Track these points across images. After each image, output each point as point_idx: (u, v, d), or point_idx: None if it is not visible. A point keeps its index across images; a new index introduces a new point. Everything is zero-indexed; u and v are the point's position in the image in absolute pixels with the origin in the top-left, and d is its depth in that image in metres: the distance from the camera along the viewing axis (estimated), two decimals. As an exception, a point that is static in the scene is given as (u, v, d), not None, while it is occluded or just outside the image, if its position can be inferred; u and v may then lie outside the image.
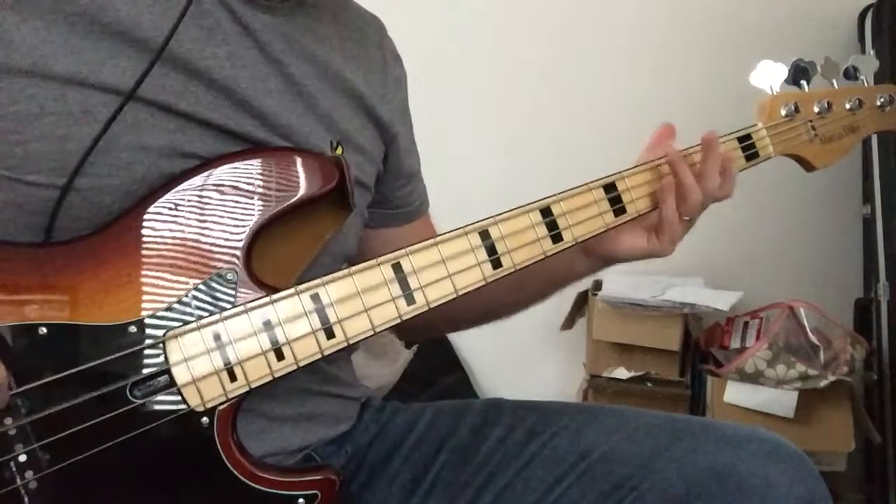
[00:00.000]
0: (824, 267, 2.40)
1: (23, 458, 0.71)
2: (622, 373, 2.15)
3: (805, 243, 2.41)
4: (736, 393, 2.03)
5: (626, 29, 2.38)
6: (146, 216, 0.79)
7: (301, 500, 0.79)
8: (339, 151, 0.94)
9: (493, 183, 2.30)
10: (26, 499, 0.71)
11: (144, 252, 0.78)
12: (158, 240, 0.78)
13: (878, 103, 1.16)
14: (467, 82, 2.38)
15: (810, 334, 2.06)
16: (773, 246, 2.41)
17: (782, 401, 1.98)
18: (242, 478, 0.77)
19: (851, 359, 2.00)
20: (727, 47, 2.31)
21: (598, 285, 2.18)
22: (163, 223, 0.79)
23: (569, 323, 2.28)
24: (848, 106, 1.14)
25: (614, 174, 0.98)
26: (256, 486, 0.77)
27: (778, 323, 2.05)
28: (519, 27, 2.38)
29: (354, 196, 0.88)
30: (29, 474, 0.71)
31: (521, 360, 2.42)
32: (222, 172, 0.81)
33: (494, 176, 2.36)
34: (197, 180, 0.81)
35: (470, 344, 2.41)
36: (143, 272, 0.77)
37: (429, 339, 2.18)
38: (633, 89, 2.37)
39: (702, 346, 2.16)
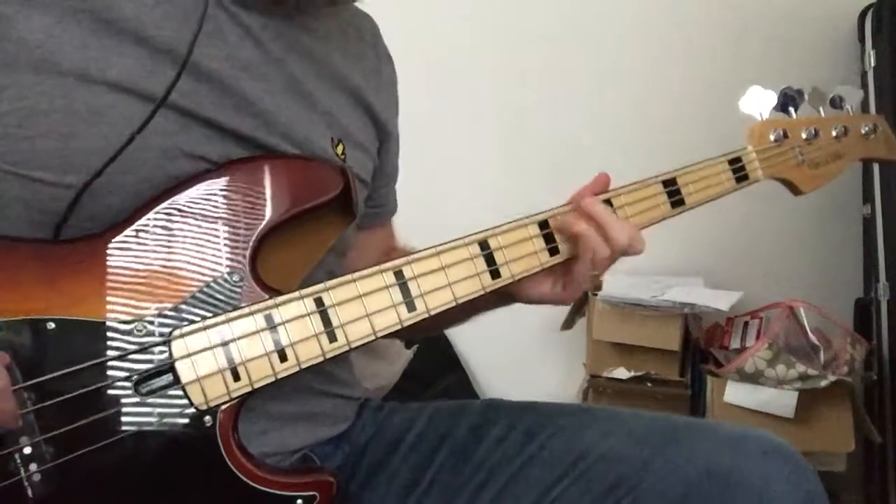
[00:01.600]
0: (824, 267, 2.40)
1: (27, 450, 0.72)
2: (622, 373, 2.15)
3: (805, 243, 2.41)
4: (736, 393, 2.03)
5: (625, 29, 2.38)
6: (154, 217, 0.80)
7: (299, 502, 0.79)
8: (339, 149, 0.95)
9: (492, 184, 2.30)
10: (29, 491, 0.72)
11: (152, 252, 0.79)
12: (166, 240, 0.79)
13: (863, 131, 1.20)
14: (466, 84, 2.38)
15: (810, 334, 2.07)
16: (773, 246, 2.42)
17: (782, 401, 1.98)
18: (243, 477, 0.77)
19: (851, 359, 2.01)
20: (727, 48, 2.31)
21: (598, 285, 2.18)
22: (171, 225, 0.80)
23: (569, 323, 2.28)
24: (834, 133, 1.17)
25: (610, 191, 0.99)
26: (257, 486, 0.78)
27: (778, 323, 2.05)
28: (518, 29, 2.38)
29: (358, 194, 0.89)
30: (33, 466, 0.72)
31: (521, 360, 2.43)
32: (231, 177, 0.82)
33: (493, 178, 2.37)
34: (206, 184, 0.82)
35: (470, 344, 2.41)
36: (151, 272, 0.78)
37: (428, 338, 2.18)
38: (633, 90, 2.38)
39: (702, 346, 2.15)
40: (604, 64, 2.39)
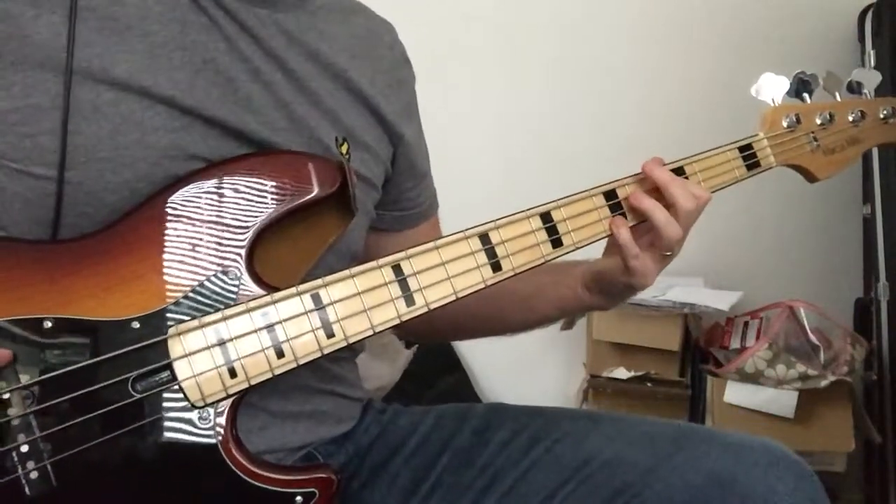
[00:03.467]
0: (824, 267, 2.40)
1: (25, 448, 0.72)
2: (622, 373, 2.15)
3: (805, 243, 2.41)
4: (736, 393, 2.03)
5: (627, 29, 2.38)
6: (151, 215, 0.80)
7: (299, 498, 0.79)
8: (344, 148, 0.95)
9: (494, 186, 2.30)
10: (27, 488, 0.72)
11: (148, 250, 0.79)
12: (162, 238, 0.79)
13: (882, 115, 1.16)
14: (468, 85, 2.38)
15: (810, 334, 2.07)
16: (773, 246, 2.42)
17: (782, 401, 1.98)
18: (240, 474, 0.77)
19: (851, 359, 2.01)
20: (728, 48, 2.31)
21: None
22: (167, 223, 0.80)
23: (569, 323, 2.27)
24: (850, 118, 1.14)
25: (615, 181, 0.99)
26: (254, 483, 0.77)
27: (778, 323, 2.05)
28: (521, 29, 2.38)
29: (360, 193, 0.88)
30: (30, 464, 0.72)
31: (522, 360, 2.42)
32: (227, 174, 0.82)
33: (495, 179, 2.37)
34: (202, 182, 0.82)
35: (470, 344, 2.40)
36: (147, 270, 0.78)
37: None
38: (634, 90, 2.38)
39: (702, 346, 2.16)
40: (604, 64, 2.39)
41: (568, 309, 1.08)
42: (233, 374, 0.77)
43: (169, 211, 0.80)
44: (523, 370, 2.44)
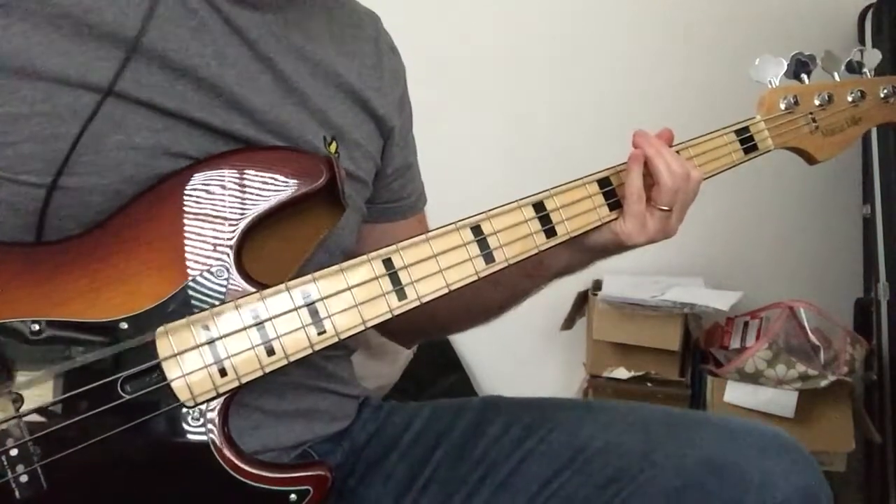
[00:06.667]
0: (824, 267, 2.39)
1: (14, 452, 0.72)
2: (622, 373, 2.15)
3: (805, 243, 2.40)
4: (736, 393, 2.03)
5: (626, 27, 2.37)
6: (136, 215, 0.80)
7: (293, 496, 0.79)
8: (332, 147, 0.94)
9: (492, 183, 2.29)
10: (17, 492, 0.72)
11: (135, 250, 0.79)
12: (149, 238, 0.79)
13: (882, 94, 1.15)
14: (466, 82, 2.38)
15: (810, 334, 2.06)
16: (773, 246, 2.41)
17: (782, 401, 1.98)
18: (234, 474, 0.77)
19: (851, 359, 2.00)
20: (727, 47, 2.30)
21: (598, 285, 2.18)
22: (153, 222, 0.80)
23: (569, 323, 2.28)
24: (850, 98, 1.13)
25: (608, 169, 0.98)
26: (247, 482, 0.77)
27: (778, 323, 2.05)
28: (518, 26, 2.38)
29: (351, 191, 0.88)
30: (20, 468, 0.72)
31: (521, 361, 2.42)
32: (212, 171, 0.82)
33: (493, 176, 2.36)
34: (187, 179, 0.81)
35: (470, 344, 2.41)
36: (135, 270, 0.78)
37: (427, 340, 2.17)
38: (633, 88, 2.37)
39: (702, 346, 2.16)
40: (603, 61, 2.39)
41: (533, 274, 1.05)
42: (223, 372, 0.77)
43: (155, 210, 0.80)
44: (523, 370, 2.44)
